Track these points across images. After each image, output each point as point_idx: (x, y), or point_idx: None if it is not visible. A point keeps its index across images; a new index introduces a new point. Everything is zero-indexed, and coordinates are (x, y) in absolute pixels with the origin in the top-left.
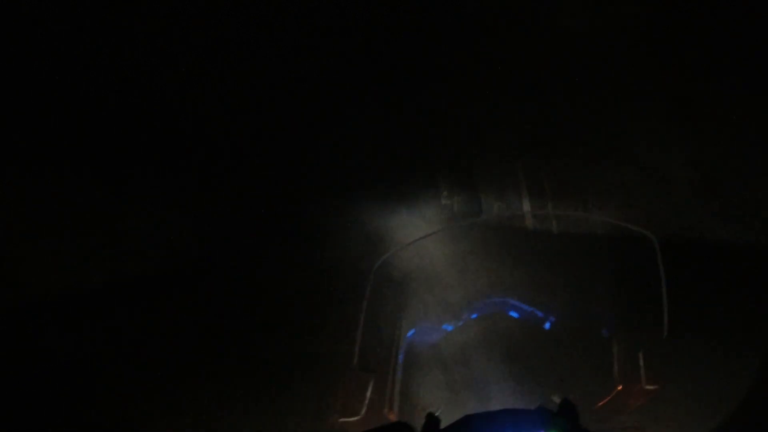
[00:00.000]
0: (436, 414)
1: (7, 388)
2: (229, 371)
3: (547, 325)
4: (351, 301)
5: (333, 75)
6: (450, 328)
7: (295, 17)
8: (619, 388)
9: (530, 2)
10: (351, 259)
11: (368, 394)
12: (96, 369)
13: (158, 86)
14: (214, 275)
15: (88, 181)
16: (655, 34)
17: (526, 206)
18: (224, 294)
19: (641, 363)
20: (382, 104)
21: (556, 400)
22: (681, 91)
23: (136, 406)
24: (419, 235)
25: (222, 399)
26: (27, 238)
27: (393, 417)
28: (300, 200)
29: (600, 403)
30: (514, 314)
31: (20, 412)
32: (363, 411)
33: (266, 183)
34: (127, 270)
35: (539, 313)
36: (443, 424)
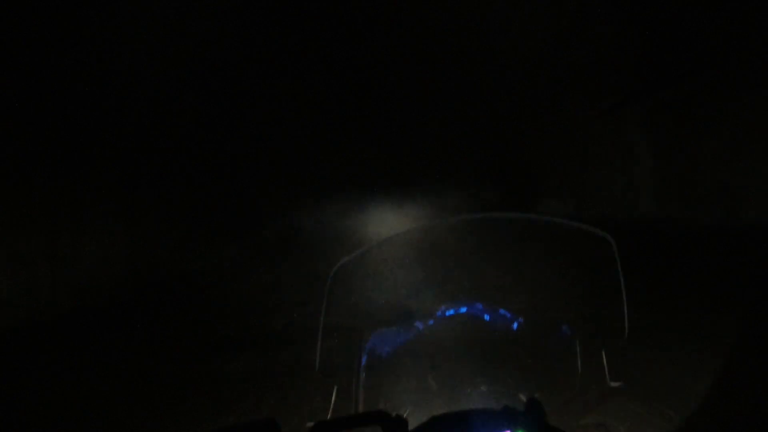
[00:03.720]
0: (404, 416)
1: (8, 391)
2: (191, 388)
3: (515, 326)
4: (313, 305)
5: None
6: (418, 328)
7: (282, 16)
8: (584, 385)
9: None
10: (317, 260)
11: (333, 398)
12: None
13: (134, 94)
14: (173, 289)
15: (93, 191)
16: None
17: (495, 209)
18: (186, 308)
19: (604, 361)
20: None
21: (523, 399)
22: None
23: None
24: (387, 234)
25: (184, 415)
26: (24, 246)
27: None
28: (268, 198)
29: (566, 402)
30: (482, 315)
31: (20, 415)
32: (329, 416)
33: (232, 185)
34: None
35: (507, 314)
36: (410, 426)
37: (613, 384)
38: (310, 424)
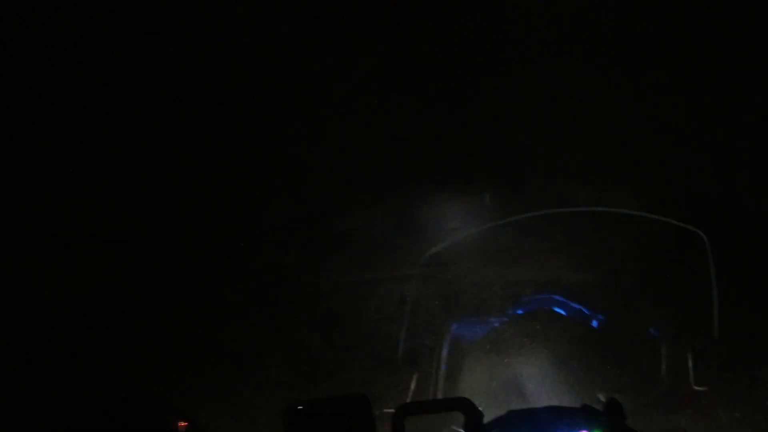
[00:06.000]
0: (480, 408)
1: (9, 386)
2: (268, 363)
3: (594, 323)
4: (398, 295)
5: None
6: (496, 323)
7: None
8: (667, 388)
9: None
10: (400, 253)
11: (412, 386)
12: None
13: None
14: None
15: (100, 193)
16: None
17: (576, 202)
18: (261, 291)
19: (690, 364)
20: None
21: (602, 399)
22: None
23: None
24: (467, 230)
25: (263, 393)
26: (33, 246)
27: None
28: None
29: (647, 404)
30: (560, 311)
31: (22, 410)
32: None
33: (295, 184)
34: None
35: (586, 311)
36: (486, 419)
37: (698, 388)
38: (389, 411)
